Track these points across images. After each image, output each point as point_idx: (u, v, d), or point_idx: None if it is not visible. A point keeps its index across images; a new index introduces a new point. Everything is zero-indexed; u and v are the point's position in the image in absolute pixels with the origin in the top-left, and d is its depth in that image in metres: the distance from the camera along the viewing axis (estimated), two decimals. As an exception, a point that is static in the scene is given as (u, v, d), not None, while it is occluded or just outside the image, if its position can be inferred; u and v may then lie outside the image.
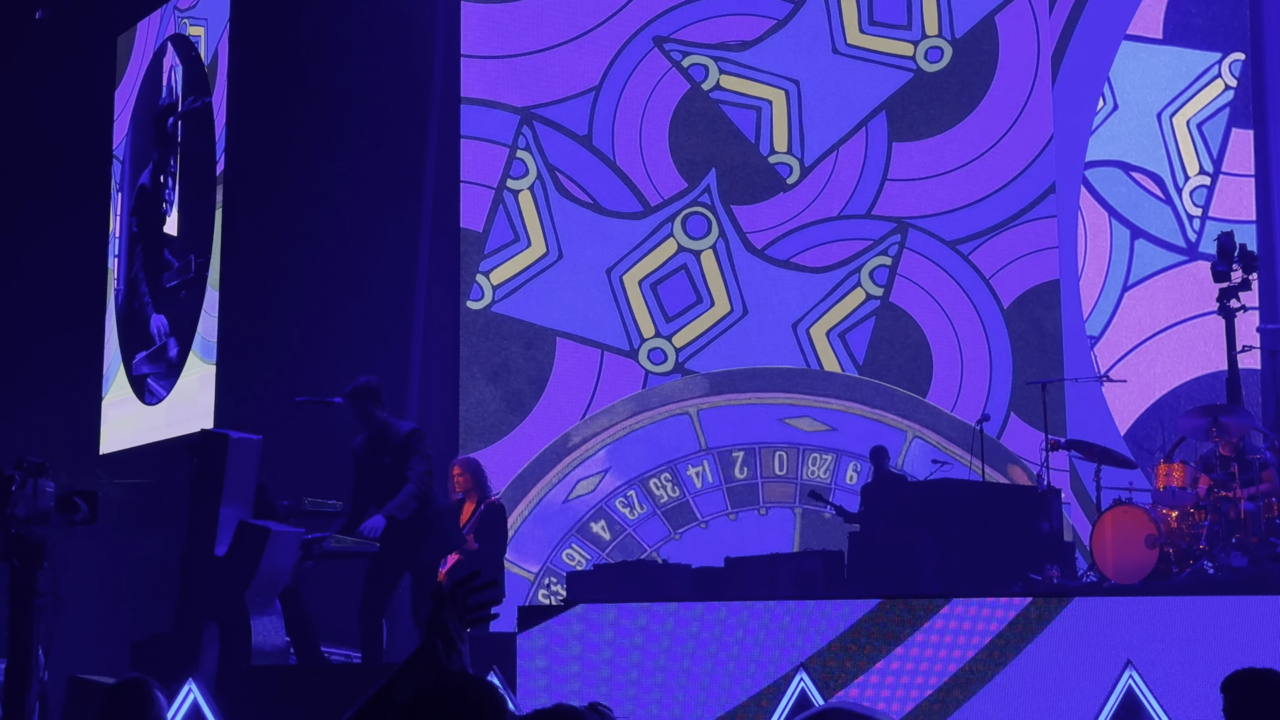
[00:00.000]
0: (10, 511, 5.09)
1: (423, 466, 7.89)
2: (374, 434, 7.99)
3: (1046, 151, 11.57)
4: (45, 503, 5.21)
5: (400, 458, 7.90)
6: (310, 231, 11.17)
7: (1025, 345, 11.48)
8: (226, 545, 7.38)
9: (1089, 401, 11.21)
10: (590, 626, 7.01)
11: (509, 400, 11.35)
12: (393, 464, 7.89)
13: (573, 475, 11.25)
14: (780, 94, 11.72)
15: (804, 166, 11.64)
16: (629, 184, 11.58)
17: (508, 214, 11.50)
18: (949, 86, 11.73)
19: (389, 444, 7.95)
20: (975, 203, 11.55)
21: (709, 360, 11.46)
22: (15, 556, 5.09)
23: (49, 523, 5.24)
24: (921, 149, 11.65)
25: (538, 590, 10.97)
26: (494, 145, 11.53)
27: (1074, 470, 10.92)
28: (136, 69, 12.77)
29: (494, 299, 11.44)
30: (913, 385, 11.42)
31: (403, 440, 7.95)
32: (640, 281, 11.52)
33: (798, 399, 11.40)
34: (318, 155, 10.99)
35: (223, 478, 7.42)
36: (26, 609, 5.09)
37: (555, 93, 11.60)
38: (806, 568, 9.38)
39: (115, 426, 12.28)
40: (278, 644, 7.28)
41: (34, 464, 5.27)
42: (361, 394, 7.95)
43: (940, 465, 10.35)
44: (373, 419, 7.97)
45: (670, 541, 11.15)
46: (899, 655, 6.87)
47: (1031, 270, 11.51)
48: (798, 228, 11.57)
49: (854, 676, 6.89)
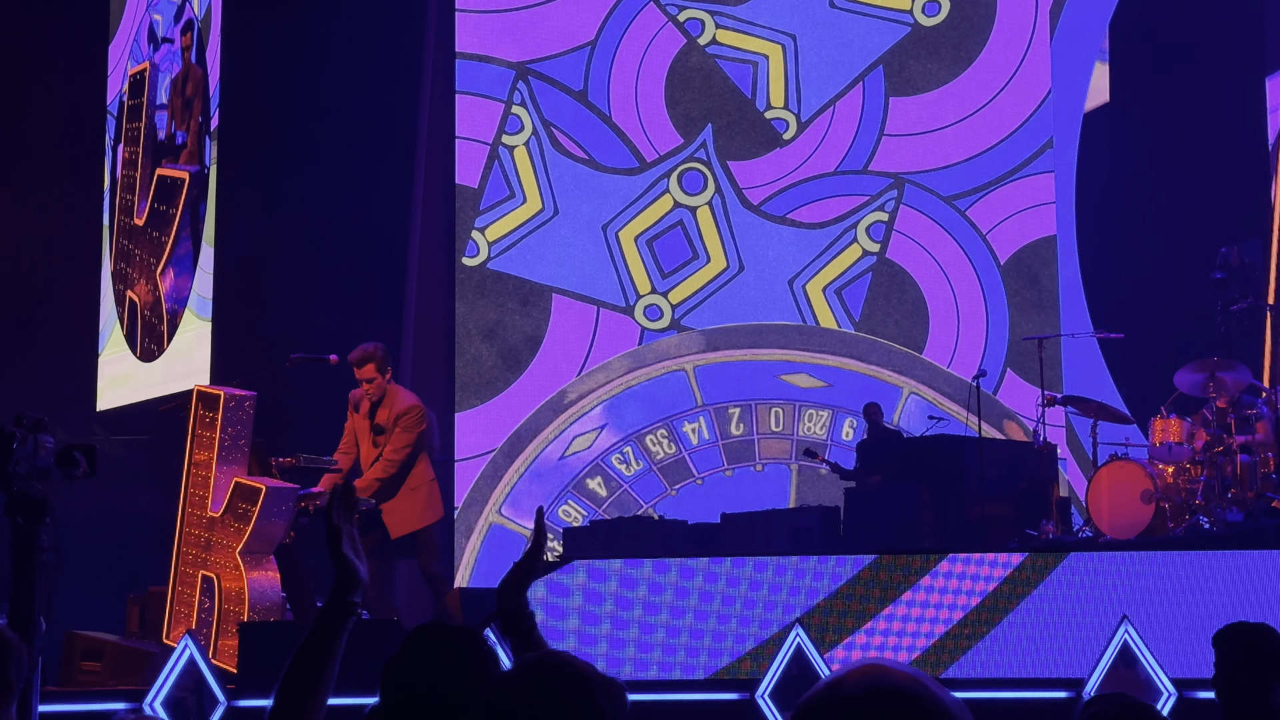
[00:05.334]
0: (12, 469, 5.09)
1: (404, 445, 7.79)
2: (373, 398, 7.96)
3: (1044, 106, 11.52)
4: (46, 459, 5.21)
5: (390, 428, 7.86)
6: (305, 188, 11.12)
7: (1022, 301, 11.47)
8: (222, 502, 7.39)
9: (1085, 357, 11.21)
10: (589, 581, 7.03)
11: (505, 357, 11.34)
12: (385, 431, 7.87)
13: (569, 432, 11.25)
14: (777, 49, 11.65)
15: (800, 122, 11.59)
16: (625, 140, 11.53)
17: (503, 170, 11.45)
18: (946, 41, 11.66)
19: (386, 410, 7.91)
20: (972, 158, 11.51)
21: (705, 317, 11.45)
22: (18, 513, 5.09)
23: (50, 478, 5.24)
24: (919, 104, 11.60)
25: (534, 546, 10.98)
26: (489, 100, 11.47)
27: (1070, 426, 10.94)
28: (130, 24, 12.68)
29: (489, 255, 11.41)
30: (909, 341, 11.42)
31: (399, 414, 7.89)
32: (636, 238, 11.49)
33: (794, 355, 11.40)
34: (312, 111, 10.92)
35: (217, 434, 7.42)
36: (29, 565, 5.10)
37: (551, 47, 11.53)
38: (803, 524, 9.40)
39: (111, 384, 12.27)
40: (274, 600, 7.30)
41: (33, 420, 5.27)
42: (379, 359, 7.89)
43: (936, 421, 10.35)
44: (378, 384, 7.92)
45: (666, 498, 11.17)
46: (895, 611, 6.89)
47: (1029, 226, 11.49)
48: (794, 183, 11.53)
49: (850, 632, 6.92)
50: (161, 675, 6.34)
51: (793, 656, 6.50)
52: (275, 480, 7.43)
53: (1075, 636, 6.73)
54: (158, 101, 12.28)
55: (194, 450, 7.47)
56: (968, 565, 6.87)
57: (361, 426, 7.96)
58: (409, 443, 7.80)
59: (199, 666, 6.37)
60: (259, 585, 7.10)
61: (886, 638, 6.83)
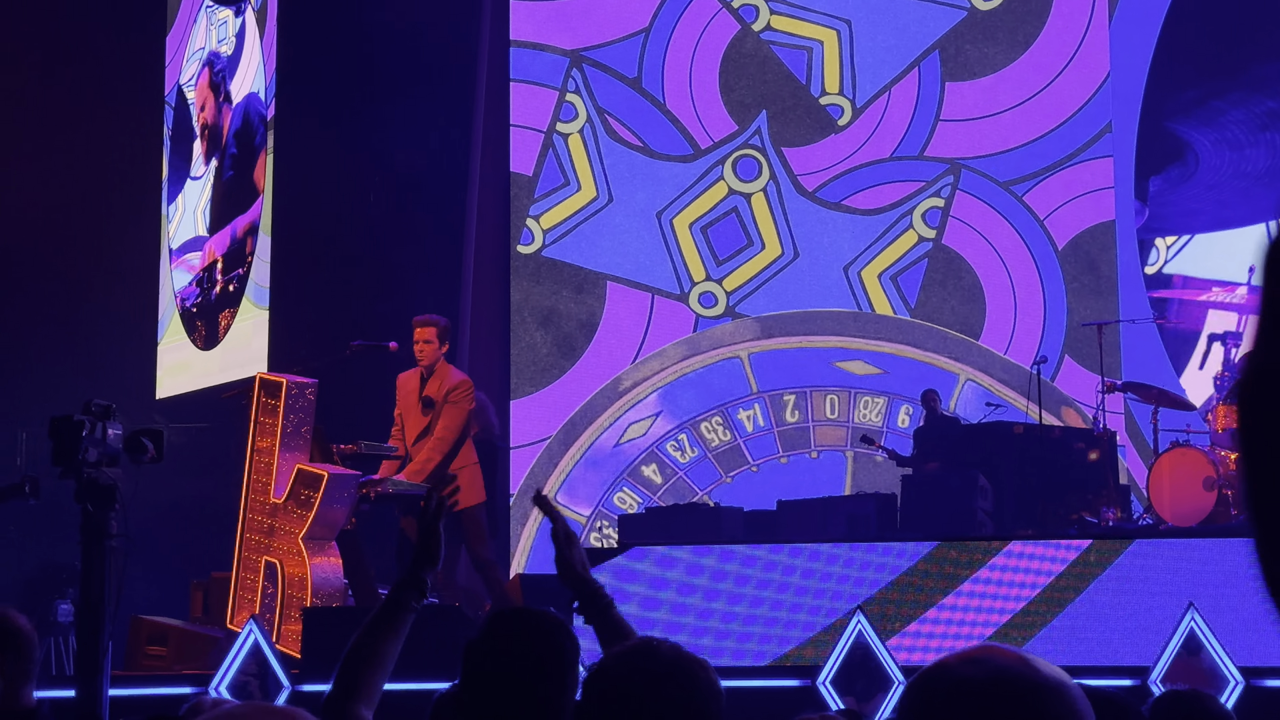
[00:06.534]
0: (81, 456, 5.16)
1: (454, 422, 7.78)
2: (425, 370, 7.95)
3: (1103, 90, 11.41)
4: (114, 445, 5.27)
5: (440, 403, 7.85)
6: (361, 176, 11.18)
7: (1080, 287, 11.37)
8: (284, 489, 7.45)
9: (1145, 343, 11.11)
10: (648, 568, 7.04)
11: (560, 345, 11.36)
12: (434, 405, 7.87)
13: (624, 419, 11.26)
14: (832, 34, 11.60)
15: (855, 107, 11.54)
16: (679, 127, 11.52)
17: (557, 158, 11.47)
18: (1003, 25, 11.57)
19: (436, 384, 7.91)
20: (1030, 143, 11.41)
21: (760, 303, 11.42)
22: (87, 499, 5.15)
23: (118, 464, 5.30)
24: (975, 89, 11.52)
25: (589, 533, 11.02)
26: (543, 88, 11.48)
27: (1129, 413, 10.84)
28: (187, 15, 12.78)
29: (544, 243, 11.43)
30: (965, 328, 11.35)
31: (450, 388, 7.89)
32: (691, 225, 11.48)
33: (849, 342, 11.36)
34: (367, 99, 10.97)
35: (280, 421, 7.48)
36: (99, 551, 5.16)
37: (605, 35, 11.53)
38: (859, 511, 9.38)
39: (171, 372, 12.38)
40: (336, 586, 7.35)
41: (101, 407, 5.33)
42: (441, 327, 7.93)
43: (994, 408, 10.30)
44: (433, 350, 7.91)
45: (721, 485, 11.16)
46: (957, 599, 6.87)
47: (1086, 211, 11.38)
48: (849, 170, 11.48)
49: (911, 619, 6.90)
50: (227, 659, 6.40)
51: (854, 643, 6.49)
52: (337, 466, 7.48)
53: (1140, 624, 6.68)
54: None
55: (257, 437, 7.53)
56: (1031, 552, 6.84)
57: (410, 401, 7.95)
58: (459, 419, 7.79)
59: (264, 651, 6.43)
60: (322, 571, 7.15)
61: (949, 625, 6.81)
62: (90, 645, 5.25)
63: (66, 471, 5.27)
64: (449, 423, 7.75)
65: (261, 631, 6.42)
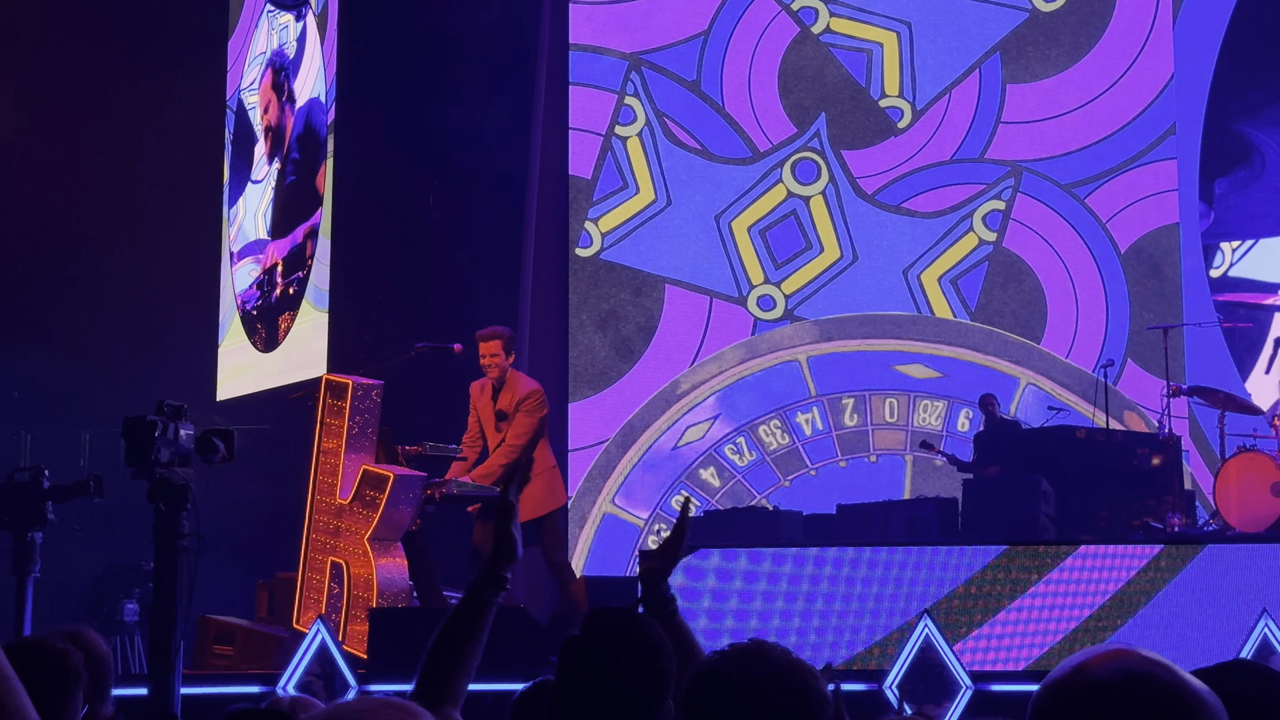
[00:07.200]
0: (154, 456, 5.19)
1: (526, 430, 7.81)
2: (495, 382, 8.00)
3: (1167, 91, 11.30)
4: (186, 445, 5.31)
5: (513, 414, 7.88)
6: (420, 179, 11.23)
7: (1143, 290, 11.27)
8: (350, 490, 7.48)
9: (1210, 347, 10.99)
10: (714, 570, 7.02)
11: (618, 347, 11.36)
12: (508, 417, 7.90)
13: (682, 422, 11.25)
14: (892, 36, 11.55)
15: (915, 110, 11.48)
16: (738, 129, 11.50)
17: (616, 161, 11.47)
18: (1065, 26, 11.48)
19: (508, 395, 7.94)
20: (1092, 145, 11.32)
21: (818, 307, 11.39)
22: (160, 499, 5.19)
23: (190, 464, 5.34)
24: (1037, 90, 11.44)
25: (648, 536, 11.02)
26: (602, 91, 11.50)
27: (1193, 417, 10.73)
28: (249, 20, 12.88)
29: (603, 246, 11.44)
30: (1026, 331, 11.27)
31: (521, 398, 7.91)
32: (749, 228, 11.46)
33: (909, 345, 11.30)
34: (427, 103, 11.02)
35: (346, 422, 7.51)
36: (171, 550, 5.20)
37: (664, 38, 11.53)
38: (921, 515, 9.33)
39: (231, 374, 12.47)
40: (401, 587, 7.37)
41: (174, 408, 5.37)
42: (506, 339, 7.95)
43: (1056, 412, 10.22)
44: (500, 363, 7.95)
45: (779, 488, 11.13)
46: (1025, 602, 6.81)
47: (1150, 214, 11.28)
48: (909, 172, 11.43)
49: (980, 623, 6.85)
50: (295, 658, 6.43)
51: (922, 647, 6.45)
52: (403, 468, 7.51)
53: (1212, 630, 6.61)
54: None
55: (323, 438, 7.57)
56: (1100, 557, 6.77)
57: (485, 414, 8.00)
58: (530, 427, 7.81)
59: (330, 651, 6.45)
60: (387, 572, 7.18)
61: (1017, 628, 6.75)
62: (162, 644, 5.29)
63: (139, 472, 5.31)
64: (519, 429, 7.78)
65: (328, 631, 6.45)
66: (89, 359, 12.06)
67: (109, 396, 11.14)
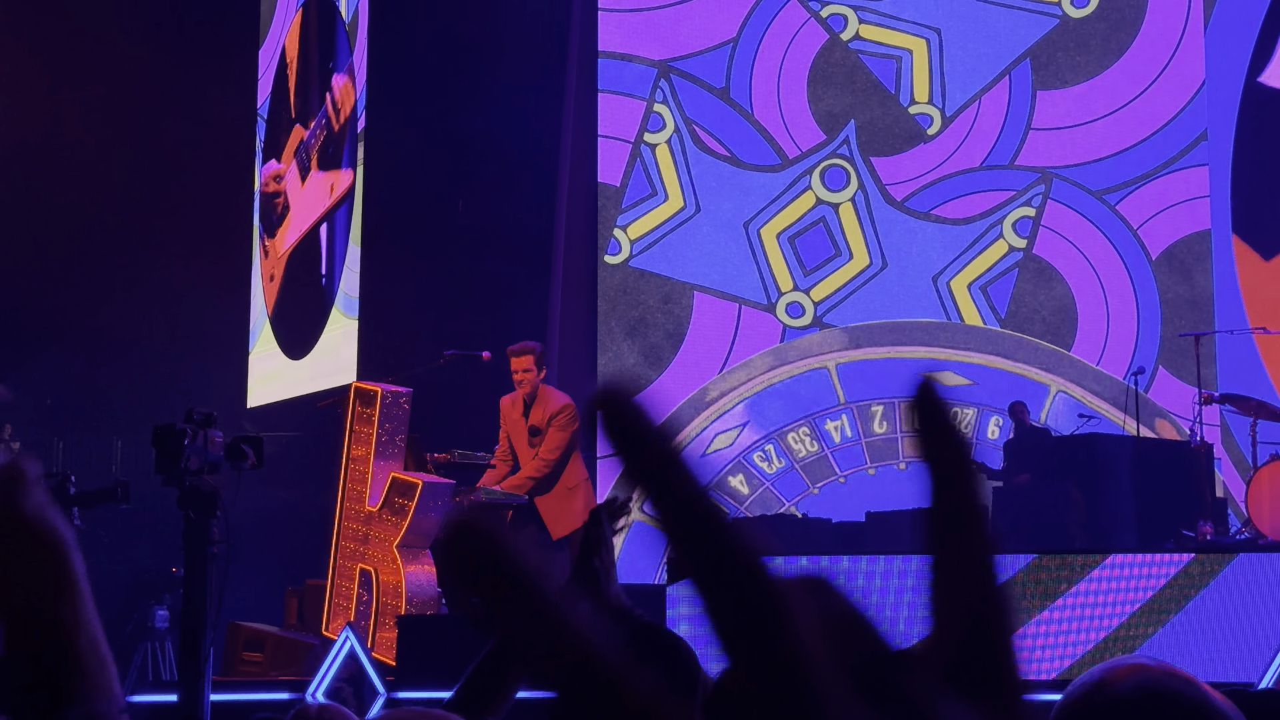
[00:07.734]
0: (184, 464, 5.23)
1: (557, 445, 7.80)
2: (527, 397, 7.99)
3: (1198, 98, 11.24)
4: (216, 452, 5.34)
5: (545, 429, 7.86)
6: (449, 186, 11.26)
7: (1175, 297, 11.20)
8: (379, 497, 7.51)
9: (1242, 355, 10.91)
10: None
11: (647, 354, 11.37)
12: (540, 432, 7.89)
13: (710, 429, 11.24)
14: (921, 43, 11.53)
15: (945, 116, 11.45)
16: (767, 136, 11.49)
17: (645, 168, 11.48)
18: (1096, 32, 11.44)
19: (540, 411, 7.93)
20: (1123, 151, 11.26)
21: (848, 314, 11.36)
22: (190, 507, 5.23)
23: (219, 471, 5.37)
24: (1067, 97, 11.39)
25: (676, 544, 11.00)
26: (631, 99, 11.51)
27: (1225, 425, 10.66)
28: (280, 28, 12.95)
29: (631, 253, 11.45)
30: (1056, 339, 11.22)
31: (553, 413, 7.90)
32: (778, 235, 11.45)
33: (938, 353, 11.27)
34: (456, 111, 11.05)
35: (375, 429, 7.54)
36: (201, 557, 5.24)
37: (692, 45, 11.54)
38: (950, 523, 9.28)
39: (261, 381, 12.53)
40: (430, 593, 7.40)
41: (203, 415, 5.40)
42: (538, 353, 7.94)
43: (1086, 420, 10.17)
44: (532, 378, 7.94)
45: (809, 496, 11.11)
46: (1055, 611, 6.78)
47: (1182, 220, 11.21)
48: (938, 179, 11.40)
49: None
50: (324, 665, 6.46)
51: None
52: (432, 475, 7.53)
53: (1245, 640, 6.56)
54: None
55: (352, 445, 7.60)
56: (1131, 566, 6.73)
57: (516, 429, 8.01)
58: (562, 442, 7.82)
59: (359, 658, 6.48)
60: (416, 579, 7.20)
61: (1047, 638, 6.72)
62: (192, 650, 5.32)
63: (169, 479, 5.34)
64: (552, 444, 7.78)
65: (358, 638, 6.47)
66: (121, 366, 12.14)
67: (141, 403, 11.21)
